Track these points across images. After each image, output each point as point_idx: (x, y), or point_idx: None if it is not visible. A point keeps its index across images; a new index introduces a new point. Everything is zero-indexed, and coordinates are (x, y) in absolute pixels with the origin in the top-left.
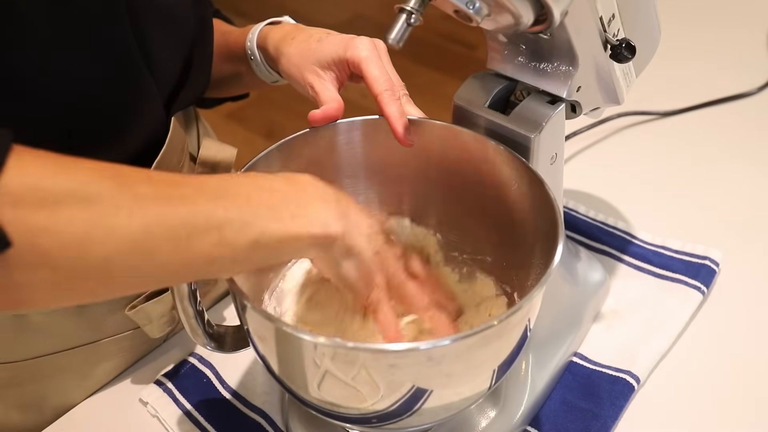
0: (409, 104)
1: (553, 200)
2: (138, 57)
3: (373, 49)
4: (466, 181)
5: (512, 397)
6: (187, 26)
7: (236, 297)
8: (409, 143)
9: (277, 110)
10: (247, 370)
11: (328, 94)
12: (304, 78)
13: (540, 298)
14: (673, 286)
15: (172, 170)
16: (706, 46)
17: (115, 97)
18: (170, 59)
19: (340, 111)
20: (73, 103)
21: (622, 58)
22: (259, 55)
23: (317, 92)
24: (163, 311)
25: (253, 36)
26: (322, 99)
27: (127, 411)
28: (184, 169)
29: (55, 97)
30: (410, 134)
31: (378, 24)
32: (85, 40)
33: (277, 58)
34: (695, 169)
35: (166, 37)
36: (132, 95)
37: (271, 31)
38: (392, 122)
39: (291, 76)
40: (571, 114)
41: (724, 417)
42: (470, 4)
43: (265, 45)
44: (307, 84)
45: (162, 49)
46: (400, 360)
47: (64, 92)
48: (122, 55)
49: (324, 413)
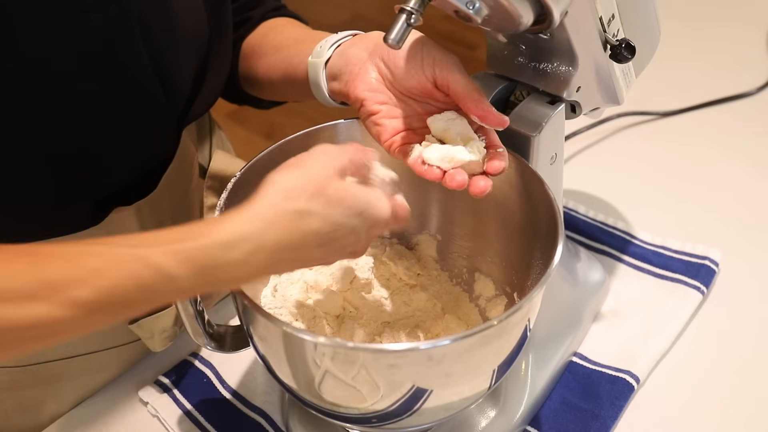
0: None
1: (553, 200)
2: (150, 73)
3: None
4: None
5: (512, 396)
6: (201, 39)
7: (236, 297)
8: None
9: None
10: (247, 370)
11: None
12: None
13: (540, 298)
14: (672, 286)
15: (180, 185)
16: (705, 46)
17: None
18: (183, 74)
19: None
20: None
21: (621, 58)
22: (326, 89)
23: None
24: (165, 326)
25: (318, 75)
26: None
27: (127, 411)
28: (192, 184)
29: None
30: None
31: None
32: (96, 54)
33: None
34: (695, 169)
35: (178, 51)
36: (142, 110)
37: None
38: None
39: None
40: (571, 114)
41: (724, 417)
42: (470, 4)
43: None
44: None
45: (175, 64)
46: (400, 360)
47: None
48: (136, 72)
49: (324, 413)
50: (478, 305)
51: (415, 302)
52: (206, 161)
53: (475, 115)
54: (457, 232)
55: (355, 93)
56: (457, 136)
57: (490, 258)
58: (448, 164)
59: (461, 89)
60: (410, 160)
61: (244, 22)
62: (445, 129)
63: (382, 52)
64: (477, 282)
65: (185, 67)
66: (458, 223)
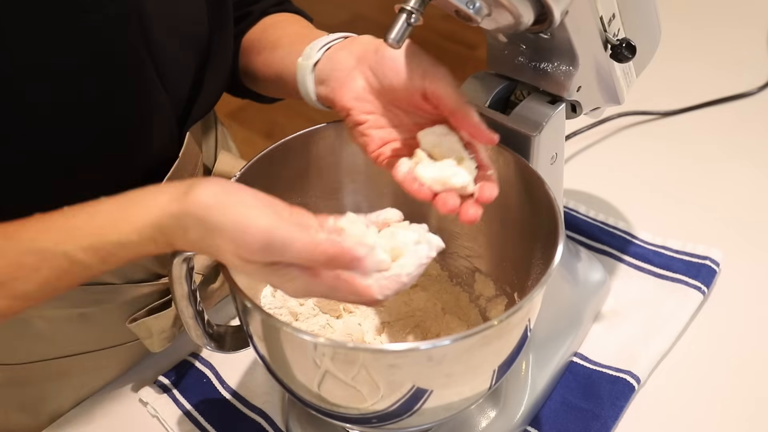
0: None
1: (553, 200)
2: (151, 72)
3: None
4: None
5: (512, 397)
6: (201, 37)
7: (236, 297)
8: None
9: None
10: (247, 370)
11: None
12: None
13: (540, 298)
14: (673, 286)
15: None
16: (706, 46)
17: (127, 113)
18: (184, 72)
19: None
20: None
21: (622, 57)
22: (313, 93)
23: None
24: (164, 327)
25: (306, 77)
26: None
27: (127, 411)
28: None
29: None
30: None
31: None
32: (96, 54)
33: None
34: (695, 169)
35: (179, 50)
36: (144, 110)
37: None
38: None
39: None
40: (572, 114)
41: (724, 417)
42: (470, 4)
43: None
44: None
45: (175, 62)
46: (400, 360)
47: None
48: (134, 70)
49: (324, 413)
50: (478, 305)
51: (415, 302)
52: (211, 162)
53: (465, 131)
54: (457, 232)
55: (341, 101)
56: (447, 153)
57: (490, 258)
58: (440, 187)
59: (451, 103)
60: (399, 175)
61: (245, 16)
62: (435, 144)
63: (370, 60)
64: (477, 282)
65: (186, 66)
66: (458, 223)
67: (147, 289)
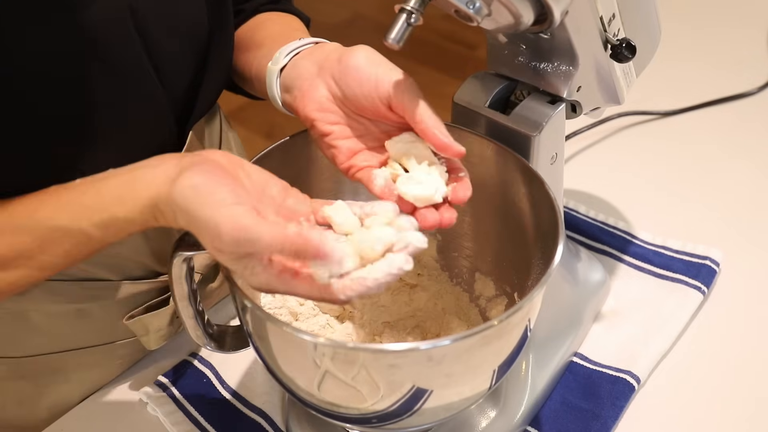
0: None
1: (553, 200)
2: (148, 69)
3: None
4: None
5: (512, 397)
6: (200, 34)
7: (236, 297)
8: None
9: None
10: (247, 370)
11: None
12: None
13: (540, 298)
14: (673, 286)
15: None
16: (706, 46)
17: (125, 111)
18: (182, 70)
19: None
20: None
21: (622, 57)
22: (279, 99)
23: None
24: (161, 325)
25: (273, 83)
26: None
27: (127, 411)
28: None
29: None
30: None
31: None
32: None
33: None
34: (695, 169)
35: (176, 47)
36: (142, 109)
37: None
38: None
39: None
40: (572, 114)
41: (724, 417)
42: (470, 4)
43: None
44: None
45: (173, 60)
46: (400, 360)
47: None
48: (132, 69)
49: (324, 413)
50: (479, 305)
51: (415, 302)
52: None
53: (433, 144)
54: (458, 232)
55: (305, 112)
56: (418, 160)
57: (490, 258)
58: (422, 204)
59: (417, 115)
60: (377, 189)
61: (237, 14)
62: (404, 152)
63: (333, 69)
64: (477, 282)
65: (185, 65)
66: (458, 223)
67: (144, 286)
